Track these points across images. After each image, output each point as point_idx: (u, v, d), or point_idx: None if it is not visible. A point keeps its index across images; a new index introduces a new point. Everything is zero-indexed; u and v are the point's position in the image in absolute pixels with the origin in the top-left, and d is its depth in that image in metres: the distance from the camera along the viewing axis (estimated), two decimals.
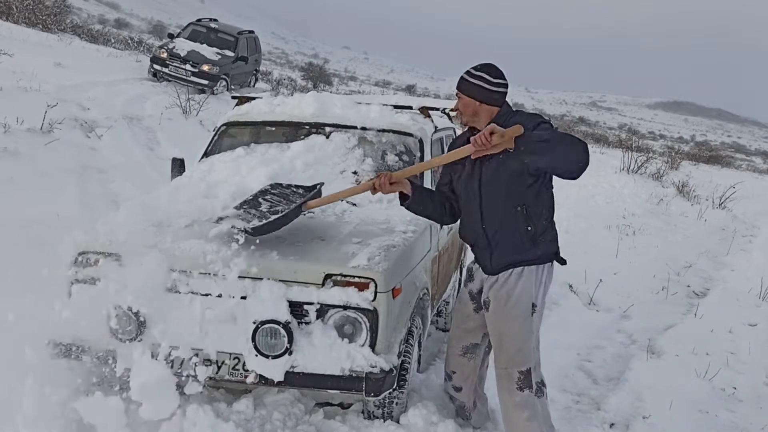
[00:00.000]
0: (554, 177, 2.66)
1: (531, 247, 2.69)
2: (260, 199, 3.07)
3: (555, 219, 2.83)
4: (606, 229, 8.26)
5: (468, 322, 2.99)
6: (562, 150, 2.41)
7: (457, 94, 2.73)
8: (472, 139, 2.45)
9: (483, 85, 2.66)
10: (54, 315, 2.87)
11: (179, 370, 2.69)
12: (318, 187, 3.13)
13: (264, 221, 2.80)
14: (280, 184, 3.25)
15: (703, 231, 9.40)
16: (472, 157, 2.55)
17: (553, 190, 2.78)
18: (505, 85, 2.71)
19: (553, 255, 2.78)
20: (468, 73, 2.71)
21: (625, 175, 13.08)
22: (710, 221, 10.04)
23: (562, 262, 2.81)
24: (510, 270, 2.73)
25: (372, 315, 2.68)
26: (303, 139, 3.83)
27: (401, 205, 2.93)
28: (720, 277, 6.96)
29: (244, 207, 2.97)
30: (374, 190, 2.79)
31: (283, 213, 2.89)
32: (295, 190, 3.19)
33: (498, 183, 2.67)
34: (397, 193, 2.88)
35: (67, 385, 3.10)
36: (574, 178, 2.50)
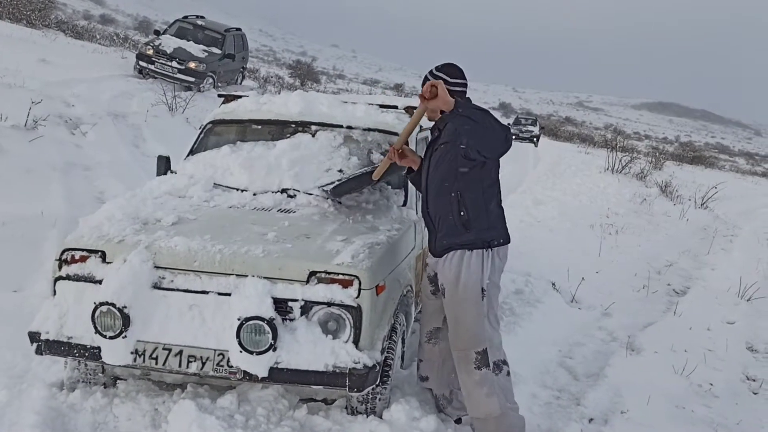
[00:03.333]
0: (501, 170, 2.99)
1: (464, 232, 2.90)
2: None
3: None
4: (589, 228, 8.34)
5: (429, 305, 3.16)
6: (483, 132, 2.70)
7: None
8: (421, 94, 2.77)
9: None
10: (38, 311, 2.89)
11: (163, 366, 2.72)
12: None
13: (336, 182, 3.33)
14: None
15: (685, 230, 9.51)
16: (425, 105, 2.80)
17: (495, 181, 2.97)
18: (464, 84, 2.99)
19: (486, 242, 2.91)
20: (431, 72, 3.00)
21: (610, 175, 13.19)
22: (692, 221, 10.16)
23: (498, 245, 2.96)
24: (448, 253, 2.94)
25: (356, 312, 2.72)
26: (289, 137, 3.85)
27: (406, 175, 3.31)
28: (700, 275, 7.06)
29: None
30: (392, 160, 3.15)
31: (354, 175, 3.38)
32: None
33: (438, 170, 2.95)
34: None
35: (50, 381, 3.12)
36: (492, 157, 2.81)
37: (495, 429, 2.93)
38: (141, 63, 14.34)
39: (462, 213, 2.89)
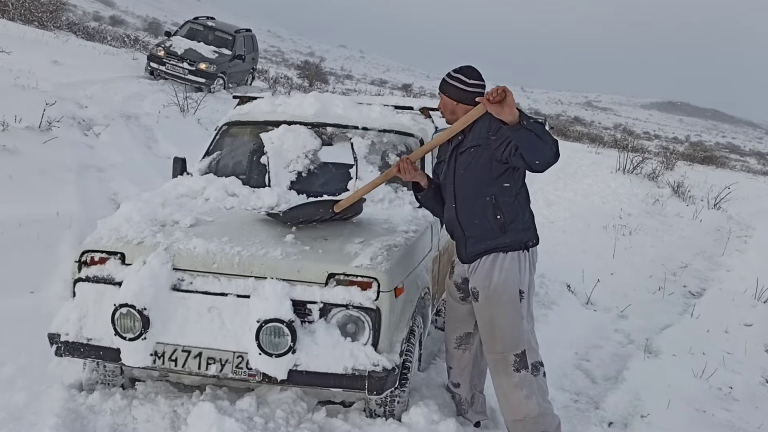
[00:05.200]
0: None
1: (501, 235, 2.85)
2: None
3: (534, 210, 3.02)
4: (603, 229, 8.30)
5: (457, 311, 3.12)
6: (542, 146, 2.56)
7: (438, 94, 3.00)
8: (486, 95, 2.56)
9: (459, 86, 2.90)
10: (57, 313, 2.89)
11: (183, 368, 2.71)
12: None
13: (292, 206, 3.09)
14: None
15: (699, 231, 9.44)
16: (489, 110, 2.59)
17: (524, 182, 2.93)
18: (482, 86, 2.92)
19: (523, 243, 2.88)
20: (448, 74, 2.95)
21: (621, 176, 13.13)
22: (705, 221, 10.09)
23: (533, 245, 2.93)
24: (482, 257, 2.87)
25: (375, 314, 2.71)
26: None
27: (414, 194, 3.14)
28: (716, 277, 7.01)
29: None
30: (399, 173, 2.96)
31: (311, 201, 3.16)
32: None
33: (469, 174, 2.86)
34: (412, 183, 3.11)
35: (69, 383, 3.12)
36: (539, 170, 2.68)
37: (533, 429, 2.91)
38: (152, 64, 14.41)
39: (498, 216, 2.83)
